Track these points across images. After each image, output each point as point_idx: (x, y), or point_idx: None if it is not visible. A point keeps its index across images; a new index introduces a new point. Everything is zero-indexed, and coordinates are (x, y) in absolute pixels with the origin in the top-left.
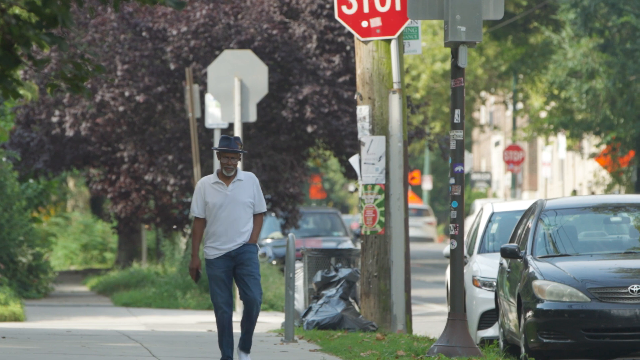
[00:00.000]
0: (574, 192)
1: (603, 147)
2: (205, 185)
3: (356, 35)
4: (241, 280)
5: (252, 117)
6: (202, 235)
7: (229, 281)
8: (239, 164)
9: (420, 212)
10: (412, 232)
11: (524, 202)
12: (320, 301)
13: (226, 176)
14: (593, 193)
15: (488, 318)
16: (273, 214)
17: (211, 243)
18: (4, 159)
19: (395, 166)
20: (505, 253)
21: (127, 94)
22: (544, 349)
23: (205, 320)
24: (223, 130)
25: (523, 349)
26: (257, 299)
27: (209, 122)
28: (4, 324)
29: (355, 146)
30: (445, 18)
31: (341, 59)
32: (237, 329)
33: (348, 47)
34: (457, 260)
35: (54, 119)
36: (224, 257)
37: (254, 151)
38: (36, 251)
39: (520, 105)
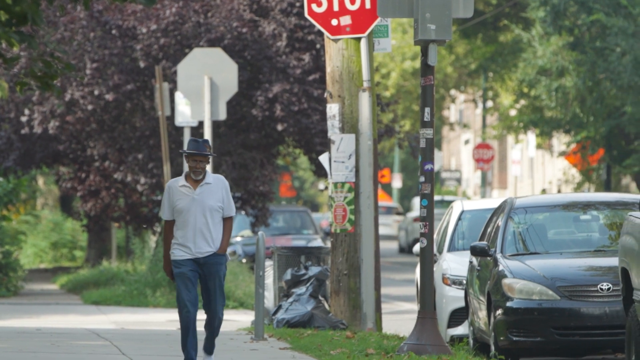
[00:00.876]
0: (544, 191)
1: (573, 145)
2: (173, 189)
3: (326, 33)
4: (206, 291)
5: (222, 115)
6: (172, 236)
7: (195, 280)
8: (208, 167)
9: (390, 210)
10: (382, 230)
11: (493, 200)
12: (290, 299)
13: (194, 179)
14: (559, 191)
15: (458, 316)
16: (243, 212)
17: (179, 245)
18: None
19: (365, 164)
20: (475, 251)
21: (96, 92)
22: (513, 347)
23: (175, 319)
24: (193, 129)
25: (493, 347)
26: (218, 312)
27: (179, 120)
28: None
29: (325, 144)
30: (415, 16)
31: (311, 57)
32: (201, 327)
33: (318, 46)
34: (427, 258)
35: (23, 118)
36: (191, 261)
37: (224, 149)
38: (6, 249)
39: (490, 104)
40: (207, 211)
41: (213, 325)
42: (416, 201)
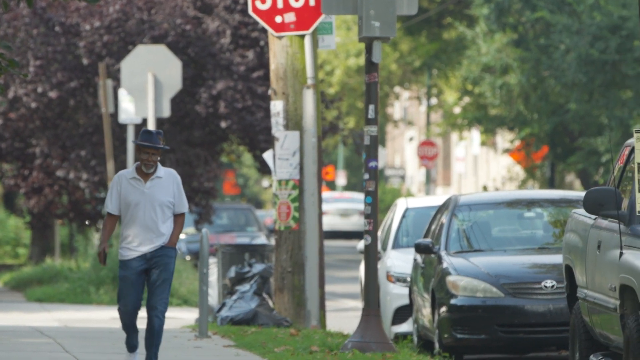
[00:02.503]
0: (485, 188)
1: (517, 142)
2: (122, 180)
3: (270, 30)
4: (150, 285)
5: (166, 112)
6: (112, 231)
7: (139, 284)
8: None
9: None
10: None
11: (437, 198)
12: (234, 297)
13: (145, 172)
14: (497, 189)
15: (402, 313)
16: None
17: (126, 244)
18: None
19: (309, 161)
20: (419, 248)
21: (39, 90)
22: (457, 344)
23: (118, 316)
24: (137, 126)
25: (437, 345)
26: (160, 307)
27: (123, 118)
28: None
29: (270, 141)
30: (359, 13)
31: (255, 54)
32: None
33: (262, 43)
34: (371, 255)
35: None
36: (138, 259)
37: (168, 146)
38: None
39: (434, 101)
40: (158, 207)
41: (153, 326)
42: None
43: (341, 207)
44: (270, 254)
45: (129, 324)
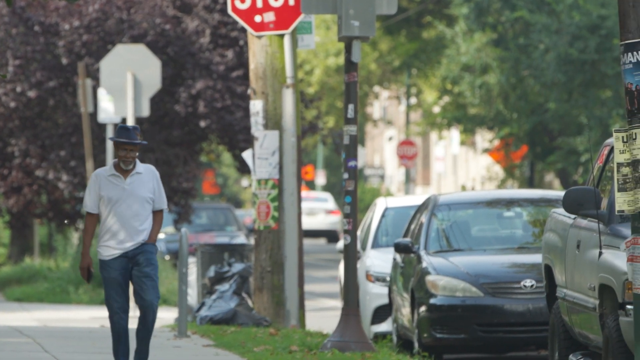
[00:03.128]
0: (463, 188)
1: (496, 142)
2: (101, 178)
3: (249, 30)
4: (137, 282)
5: (145, 111)
6: (94, 232)
7: (125, 284)
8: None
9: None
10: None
11: (417, 197)
12: (214, 296)
13: (124, 169)
14: (473, 188)
15: (381, 313)
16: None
17: (106, 242)
18: None
19: (288, 161)
20: (399, 248)
21: (19, 89)
22: (437, 344)
23: (98, 316)
24: (116, 125)
25: (416, 344)
26: (154, 302)
27: (102, 117)
28: None
29: (249, 141)
30: (338, 13)
31: (235, 53)
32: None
33: (241, 42)
34: (351, 255)
35: None
36: (120, 258)
37: (147, 146)
38: None
39: (413, 100)
40: (138, 202)
41: (147, 321)
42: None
43: (307, 206)
44: (249, 254)
45: (121, 329)
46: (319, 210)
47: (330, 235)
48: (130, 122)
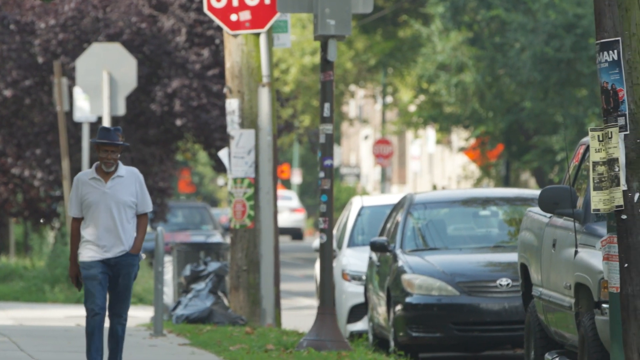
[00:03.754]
0: (434, 187)
1: (472, 140)
2: (81, 181)
3: (225, 28)
4: (112, 293)
5: (121, 110)
6: (80, 238)
7: (105, 283)
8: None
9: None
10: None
11: (393, 196)
12: (190, 295)
13: (105, 171)
14: (444, 188)
15: (357, 312)
16: None
17: (86, 246)
18: None
19: (264, 160)
20: (375, 247)
21: None
22: (413, 342)
23: (73, 315)
24: (92, 124)
25: (392, 343)
26: (124, 315)
27: (78, 116)
28: None
29: (225, 140)
30: (314, 11)
31: (210, 52)
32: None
33: (217, 41)
34: (327, 254)
35: None
36: (101, 262)
37: (127, 143)
38: None
39: (389, 99)
40: (120, 207)
41: (116, 333)
42: None
43: None
44: (225, 253)
45: (95, 329)
46: (283, 208)
47: (294, 233)
48: (106, 121)
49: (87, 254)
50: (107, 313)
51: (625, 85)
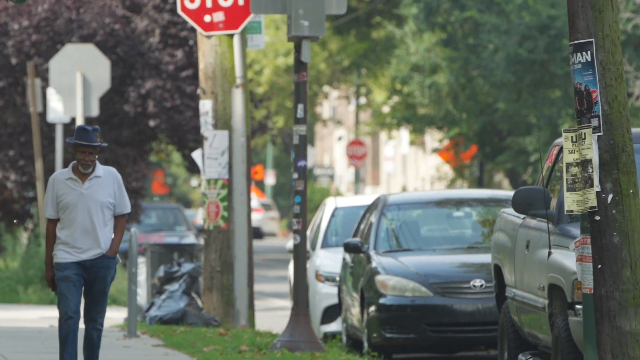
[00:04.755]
0: (404, 189)
1: (446, 142)
2: (57, 182)
3: (199, 29)
4: (88, 296)
5: (95, 111)
6: (55, 240)
7: (79, 285)
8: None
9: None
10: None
11: (366, 197)
12: (163, 296)
13: (82, 172)
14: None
15: (331, 313)
16: None
17: (62, 247)
18: None
19: (238, 161)
20: (349, 248)
21: None
22: (386, 343)
23: (47, 316)
24: (65, 125)
25: (366, 344)
26: (99, 320)
27: (51, 117)
28: None
29: (199, 141)
30: (288, 12)
31: (184, 53)
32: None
33: (191, 42)
34: (300, 255)
35: None
36: (76, 264)
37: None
38: None
39: (363, 100)
40: (98, 208)
41: (92, 339)
42: None
43: None
44: (199, 253)
45: (69, 334)
46: None
47: (254, 232)
48: (80, 122)
49: (62, 255)
50: (81, 317)
51: (599, 87)
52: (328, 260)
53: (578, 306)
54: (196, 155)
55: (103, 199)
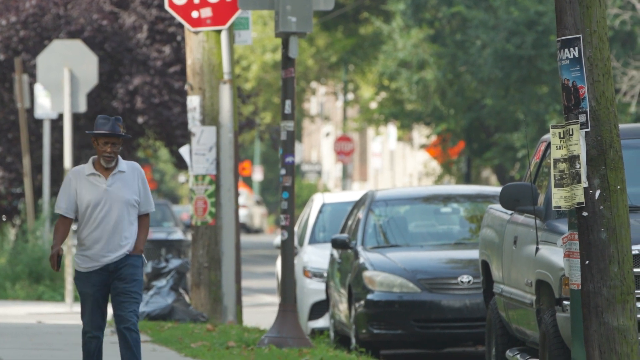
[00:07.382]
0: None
1: (433, 138)
2: (78, 177)
3: (186, 25)
4: (117, 299)
5: (82, 107)
6: (66, 234)
7: (103, 301)
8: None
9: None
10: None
11: (354, 193)
12: (151, 292)
13: (105, 167)
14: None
15: (319, 309)
16: None
17: (84, 251)
18: None
19: (225, 157)
20: (336, 244)
21: None
22: (374, 339)
23: (34, 312)
24: (53, 121)
25: (354, 340)
26: (132, 320)
27: (39, 113)
28: None
29: (186, 136)
30: (275, 8)
31: (172, 49)
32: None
33: (179, 38)
34: (288, 251)
35: None
36: (100, 271)
37: (84, 142)
38: None
39: (350, 96)
40: (122, 206)
41: (128, 342)
42: None
43: None
44: (186, 249)
45: (92, 349)
46: None
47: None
48: (67, 118)
49: (85, 263)
50: (103, 333)
51: (586, 82)
52: (316, 256)
53: (566, 302)
54: (184, 151)
55: (128, 197)
